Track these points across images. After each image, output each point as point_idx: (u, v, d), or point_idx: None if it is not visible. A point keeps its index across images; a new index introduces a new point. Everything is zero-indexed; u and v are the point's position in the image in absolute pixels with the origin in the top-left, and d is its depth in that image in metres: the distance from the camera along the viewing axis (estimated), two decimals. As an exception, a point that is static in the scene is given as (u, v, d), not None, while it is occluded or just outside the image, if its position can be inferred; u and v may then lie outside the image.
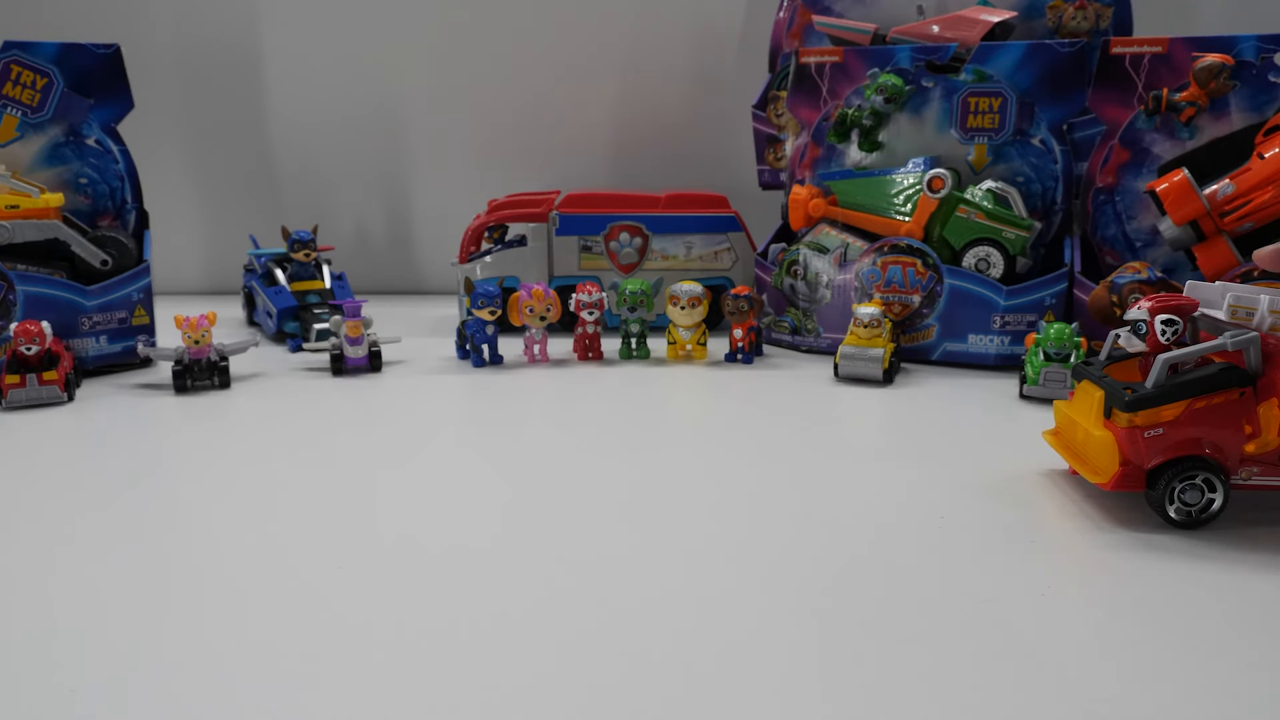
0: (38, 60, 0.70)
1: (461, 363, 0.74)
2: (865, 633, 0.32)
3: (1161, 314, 0.41)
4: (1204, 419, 0.39)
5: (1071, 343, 0.62)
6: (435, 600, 0.34)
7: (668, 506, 0.43)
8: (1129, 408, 0.40)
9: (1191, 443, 0.40)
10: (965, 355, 0.73)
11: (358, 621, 0.32)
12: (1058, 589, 0.35)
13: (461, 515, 0.42)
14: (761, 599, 0.34)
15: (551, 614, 0.33)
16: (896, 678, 0.29)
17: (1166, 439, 0.40)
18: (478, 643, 0.31)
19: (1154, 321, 0.41)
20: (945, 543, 0.39)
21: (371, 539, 0.40)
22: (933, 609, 0.33)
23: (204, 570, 0.37)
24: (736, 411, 0.62)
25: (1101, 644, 0.31)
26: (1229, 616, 0.33)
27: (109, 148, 0.74)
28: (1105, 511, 0.42)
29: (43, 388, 0.61)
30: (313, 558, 0.38)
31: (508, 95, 1.09)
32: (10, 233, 0.68)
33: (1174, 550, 0.38)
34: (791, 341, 0.81)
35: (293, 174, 1.12)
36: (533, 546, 0.39)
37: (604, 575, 0.36)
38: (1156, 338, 0.41)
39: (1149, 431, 0.40)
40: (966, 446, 0.53)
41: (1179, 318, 0.41)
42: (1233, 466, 0.40)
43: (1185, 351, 0.40)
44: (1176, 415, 0.39)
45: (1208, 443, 0.40)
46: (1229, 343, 0.39)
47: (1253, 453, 0.40)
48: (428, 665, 0.29)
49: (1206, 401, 0.39)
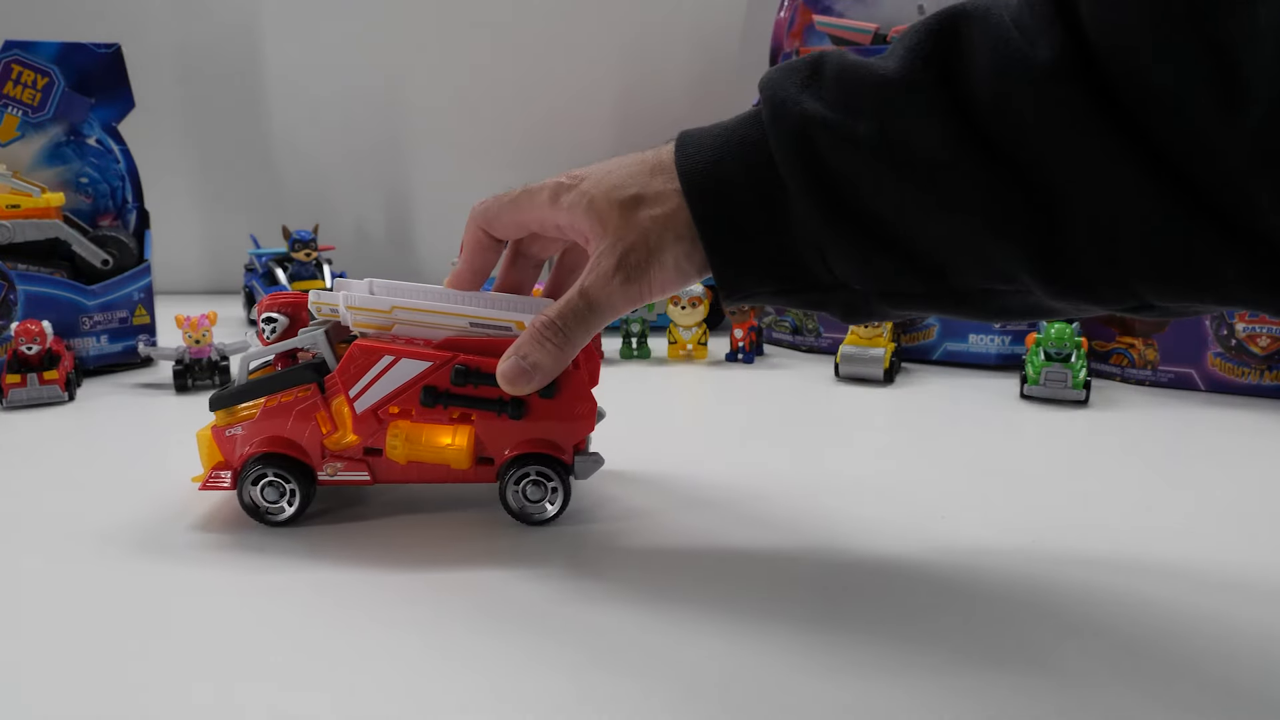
0: (39, 60, 0.70)
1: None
2: (865, 631, 0.32)
3: (264, 312, 0.42)
4: (279, 416, 0.40)
5: (1072, 343, 0.62)
6: (436, 599, 0.34)
7: (667, 506, 0.43)
8: (210, 406, 0.40)
9: (271, 440, 0.39)
10: (966, 355, 0.73)
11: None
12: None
13: (462, 515, 0.42)
14: (762, 598, 0.34)
15: (553, 613, 0.33)
16: (897, 677, 0.29)
17: (246, 437, 0.40)
18: (479, 644, 0.31)
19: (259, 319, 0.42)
20: (945, 542, 0.39)
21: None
22: (932, 608, 0.33)
23: (204, 569, 0.37)
24: (737, 411, 0.62)
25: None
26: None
27: (110, 147, 0.74)
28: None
29: (43, 387, 0.61)
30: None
31: (508, 95, 1.09)
32: (11, 232, 0.68)
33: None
34: (792, 341, 0.81)
35: (293, 174, 1.12)
36: (532, 546, 0.39)
37: (603, 574, 0.36)
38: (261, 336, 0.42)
39: (230, 430, 0.40)
40: (967, 446, 0.53)
41: (281, 315, 0.42)
42: (317, 463, 0.40)
43: (265, 350, 0.41)
44: (253, 413, 0.40)
45: (287, 440, 0.40)
46: (303, 340, 0.40)
47: (334, 448, 0.40)
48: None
49: (279, 399, 0.40)
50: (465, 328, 0.39)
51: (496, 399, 0.38)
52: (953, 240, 0.30)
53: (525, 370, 0.36)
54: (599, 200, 0.34)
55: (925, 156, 0.29)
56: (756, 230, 0.32)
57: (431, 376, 0.38)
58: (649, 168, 0.34)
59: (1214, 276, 0.26)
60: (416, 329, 0.39)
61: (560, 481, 0.40)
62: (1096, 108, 0.25)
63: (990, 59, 0.27)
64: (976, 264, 0.30)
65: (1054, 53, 0.26)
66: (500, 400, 0.38)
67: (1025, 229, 0.28)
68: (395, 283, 0.41)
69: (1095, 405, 0.62)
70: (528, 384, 0.36)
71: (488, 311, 0.39)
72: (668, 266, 0.34)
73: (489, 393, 0.38)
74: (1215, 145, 0.24)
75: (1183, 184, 0.25)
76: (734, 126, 0.33)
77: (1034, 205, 0.27)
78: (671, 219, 0.33)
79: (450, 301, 0.39)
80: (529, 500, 0.40)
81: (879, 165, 0.29)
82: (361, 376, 0.38)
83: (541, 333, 0.35)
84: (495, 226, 0.39)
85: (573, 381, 0.39)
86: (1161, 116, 0.24)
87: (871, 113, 0.29)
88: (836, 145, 0.30)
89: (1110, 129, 0.25)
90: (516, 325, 0.38)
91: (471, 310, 0.39)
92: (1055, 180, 0.27)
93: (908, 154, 0.29)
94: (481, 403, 0.38)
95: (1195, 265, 0.26)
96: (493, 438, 0.39)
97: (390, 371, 0.38)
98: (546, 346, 0.35)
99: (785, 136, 0.31)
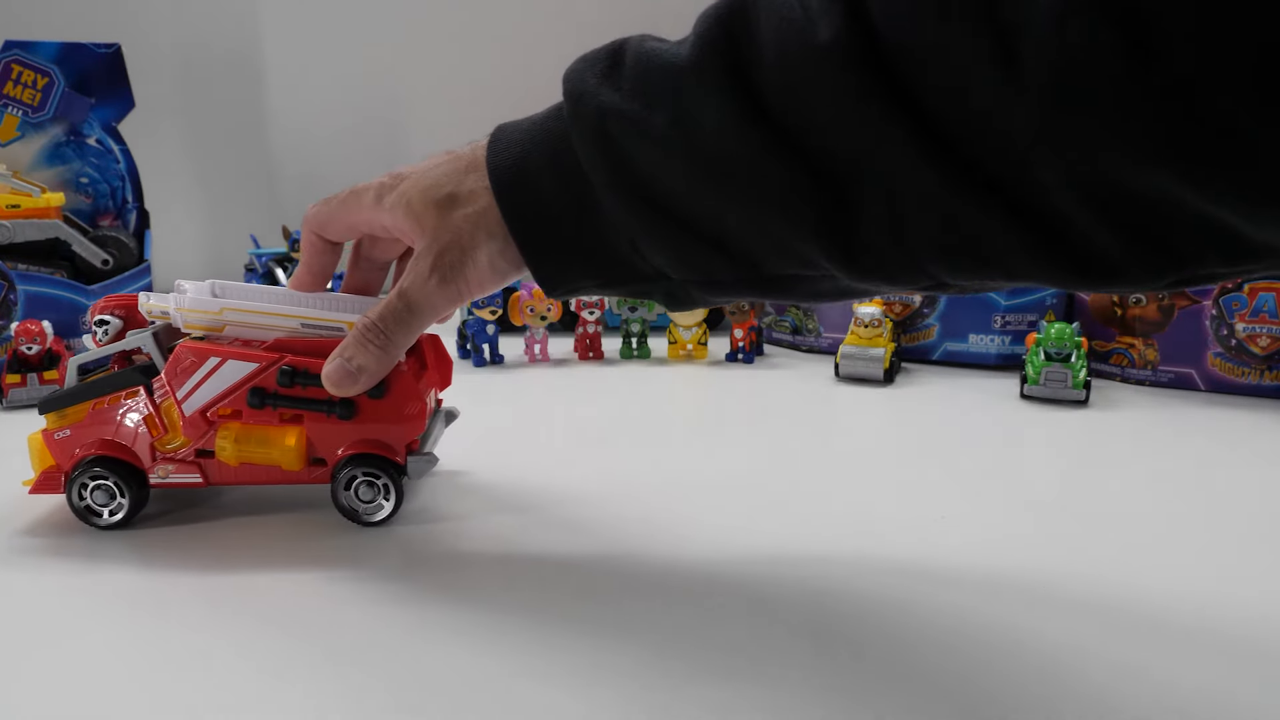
0: (39, 60, 0.70)
1: (462, 362, 0.74)
2: (865, 631, 0.32)
3: (97, 314, 0.42)
4: (108, 419, 0.40)
5: (1072, 343, 0.62)
6: (441, 601, 0.34)
7: (667, 506, 0.43)
8: (40, 410, 0.40)
9: (101, 443, 0.39)
10: (966, 355, 0.73)
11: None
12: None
13: (461, 515, 0.42)
14: (761, 599, 0.34)
15: (556, 615, 0.33)
16: (896, 676, 0.29)
17: (74, 440, 0.40)
18: (479, 641, 0.31)
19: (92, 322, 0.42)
20: (945, 541, 0.39)
21: (372, 540, 0.40)
22: (933, 608, 0.33)
23: (204, 570, 0.37)
24: (737, 411, 0.62)
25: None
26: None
27: (110, 147, 0.74)
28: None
29: (44, 387, 0.61)
30: (311, 558, 0.38)
31: (508, 95, 1.09)
32: (11, 232, 0.68)
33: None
34: (792, 341, 0.81)
35: (293, 173, 1.12)
36: (533, 546, 0.39)
37: (602, 575, 0.36)
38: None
39: (59, 433, 0.40)
40: (967, 446, 0.53)
41: (114, 317, 0.42)
42: (148, 465, 0.40)
43: (94, 353, 0.41)
44: (81, 417, 0.40)
45: (117, 443, 0.40)
46: (132, 343, 0.40)
47: (164, 450, 0.40)
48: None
49: (109, 401, 0.40)
50: (297, 329, 0.39)
51: (325, 400, 0.38)
52: (753, 229, 0.29)
53: (350, 372, 0.36)
54: (415, 201, 0.34)
55: (717, 146, 0.28)
56: (570, 224, 0.32)
57: (259, 378, 0.38)
58: (465, 165, 0.34)
59: (1000, 255, 0.25)
60: (249, 330, 0.39)
61: (392, 482, 0.40)
62: (879, 89, 0.25)
63: (775, 43, 0.27)
64: (779, 252, 0.29)
65: (835, 34, 0.25)
66: (329, 401, 0.38)
67: (817, 216, 0.27)
68: (238, 284, 0.41)
69: (1095, 405, 0.62)
70: (353, 385, 0.36)
71: (318, 313, 0.39)
72: (482, 265, 0.34)
73: (317, 394, 0.38)
74: (997, 125, 0.23)
75: (966, 164, 0.24)
76: (541, 120, 0.33)
77: (823, 191, 0.27)
78: (483, 217, 0.33)
79: (287, 303, 0.40)
80: (362, 501, 0.40)
81: (675, 156, 0.29)
82: (188, 378, 0.38)
83: (364, 335, 0.36)
84: (327, 229, 0.39)
85: (402, 382, 0.39)
86: (943, 97, 0.24)
87: (665, 103, 0.29)
88: (634, 137, 0.29)
89: (893, 111, 0.25)
90: (348, 326, 0.39)
91: (303, 311, 0.39)
92: (842, 165, 0.26)
93: (700, 144, 0.28)
94: (310, 404, 0.39)
95: (981, 245, 0.25)
96: (324, 439, 0.39)
97: (217, 373, 0.38)
98: (369, 348, 0.36)
99: (584, 130, 0.30)
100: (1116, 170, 0.22)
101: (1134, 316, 0.67)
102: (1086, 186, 0.23)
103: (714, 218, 0.30)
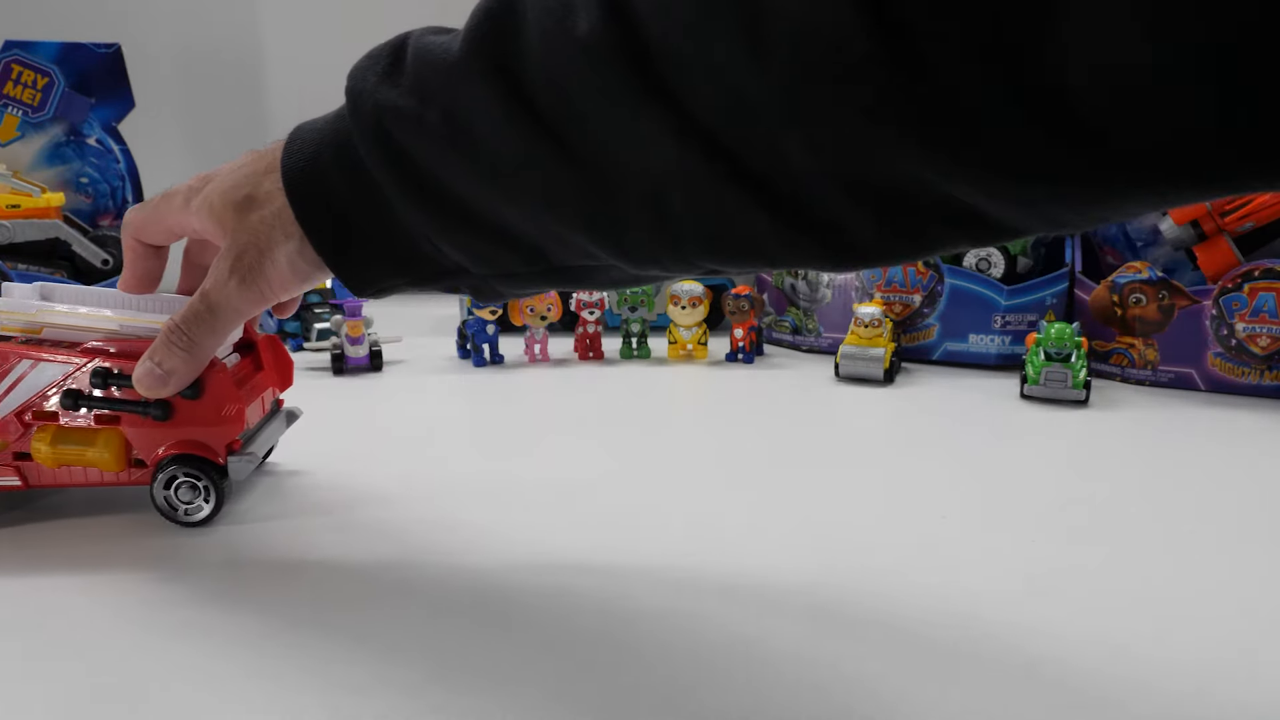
0: (39, 60, 0.70)
1: (462, 362, 0.74)
2: (864, 630, 0.32)
3: None
4: None
5: (1073, 342, 0.62)
6: (446, 600, 0.34)
7: (666, 506, 0.43)
8: None
9: None
10: (966, 355, 0.73)
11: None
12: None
13: (461, 515, 0.42)
14: (761, 599, 0.34)
15: (559, 616, 0.33)
16: (895, 675, 0.29)
17: None
18: (477, 643, 0.31)
19: None
20: (944, 541, 0.39)
21: (373, 541, 0.40)
22: (931, 608, 0.33)
23: (204, 569, 0.37)
24: (738, 411, 0.62)
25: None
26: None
27: (110, 147, 0.74)
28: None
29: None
30: (309, 558, 0.38)
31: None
32: (11, 232, 0.68)
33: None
34: (792, 341, 0.81)
35: (293, 173, 1.12)
36: (532, 547, 0.39)
37: (603, 576, 0.36)
38: None
39: None
40: (967, 445, 0.53)
41: None
42: None
43: None
44: None
45: None
46: None
47: None
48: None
49: None
50: (115, 331, 0.39)
51: (140, 401, 0.38)
52: (531, 225, 0.29)
53: (159, 375, 0.37)
54: (216, 203, 0.34)
55: (487, 143, 0.28)
56: (367, 223, 0.32)
57: (73, 379, 0.38)
58: (264, 166, 0.34)
59: (754, 239, 0.25)
60: (67, 332, 0.39)
61: (211, 482, 0.40)
62: (634, 78, 0.24)
63: (538, 36, 0.26)
64: (561, 245, 0.29)
65: (591, 24, 0.25)
66: (144, 403, 0.38)
67: (588, 213, 0.27)
68: (66, 286, 0.41)
69: (1095, 405, 0.62)
70: (162, 388, 0.37)
71: (134, 314, 0.39)
72: (281, 265, 0.34)
73: (133, 395, 0.38)
74: (748, 105, 0.23)
75: (719, 149, 0.24)
76: (332, 120, 0.33)
77: (590, 184, 0.27)
78: (279, 218, 0.33)
79: (110, 306, 0.40)
80: (182, 501, 0.40)
81: (450, 153, 0.29)
82: (0, 380, 0.38)
83: (169, 337, 0.36)
84: (144, 234, 0.39)
85: (218, 383, 0.39)
86: (696, 80, 0.24)
87: (439, 100, 0.29)
88: (411, 135, 0.29)
89: (648, 98, 0.24)
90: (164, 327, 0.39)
91: (120, 313, 0.39)
92: (603, 156, 0.26)
93: (472, 141, 0.28)
94: (124, 405, 0.39)
95: (736, 230, 0.25)
96: (142, 440, 0.40)
97: (30, 375, 0.38)
98: (175, 351, 0.36)
99: (364, 129, 0.30)
100: (860, 149, 0.22)
101: (1134, 316, 0.67)
102: (836, 169, 0.23)
103: (496, 213, 0.29)
